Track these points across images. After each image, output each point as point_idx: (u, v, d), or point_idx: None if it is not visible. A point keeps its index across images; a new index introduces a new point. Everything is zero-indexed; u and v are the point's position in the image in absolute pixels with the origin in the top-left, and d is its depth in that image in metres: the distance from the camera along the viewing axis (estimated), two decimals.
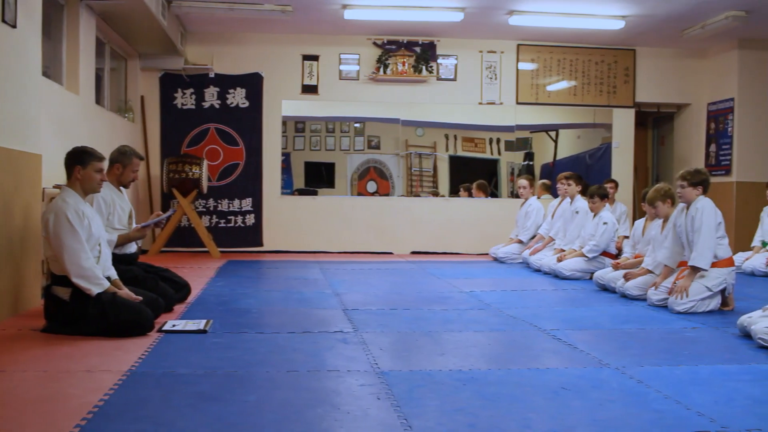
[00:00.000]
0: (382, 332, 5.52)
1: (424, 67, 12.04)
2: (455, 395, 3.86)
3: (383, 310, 6.49)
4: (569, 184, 9.99)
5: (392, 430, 3.28)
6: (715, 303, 6.71)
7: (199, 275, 8.66)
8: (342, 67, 12.12)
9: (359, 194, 12.95)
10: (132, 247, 6.44)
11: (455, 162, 13.41)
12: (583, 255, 9.03)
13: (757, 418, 3.55)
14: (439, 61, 12.20)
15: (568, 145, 13.79)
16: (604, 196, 9.11)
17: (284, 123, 12.39)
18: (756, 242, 10.30)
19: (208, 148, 11.83)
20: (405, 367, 4.47)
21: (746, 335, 5.41)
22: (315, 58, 12.07)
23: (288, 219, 12.05)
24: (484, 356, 4.87)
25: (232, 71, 11.90)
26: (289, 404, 3.65)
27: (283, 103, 12.09)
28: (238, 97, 11.90)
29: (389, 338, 5.35)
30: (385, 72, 11.96)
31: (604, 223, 8.94)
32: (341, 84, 12.13)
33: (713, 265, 6.66)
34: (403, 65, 11.96)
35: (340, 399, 3.78)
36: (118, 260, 5.90)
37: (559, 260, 9.20)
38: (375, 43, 12.03)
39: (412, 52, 12.03)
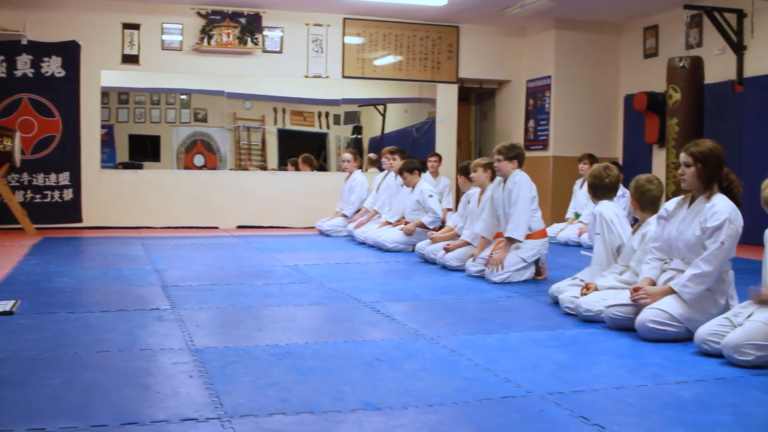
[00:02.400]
0: (200, 308, 5.43)
1: (249, 39, 11.84)
2: (269, 370, 3.84)
3: (203, 286, 6.39)
4: (394, 159, 10.12)
5: (202, 408, 3.23)
6: (529, 273, 6.99)
7: (10, 253, 8.25)
8: (164, 37, 11.74)
9: (186, 168, 12.65)
10: None
11: (284, 135, 13.33)
12: (425, 227, 9.04)
13: (560, 381, 3.73)
14: (264, 32, 12.03)
15: (396, 119, 13.97)
16: (413, 170, 9.22)
17: (106, 94, 11.91)
18: (570, 214, 10.79)
19: (21, 120, 11.18)
20: (220, 343, 4.42)
21: (556, 303, 5.67)
22: (136, 26, 11.63)
23: (109, 193, 11.61)
24: (302, 330, 4.87)
25: (46, 38, 11.28)
26: (96, 386, 3.53)
27: (102, 74, 11.57)
28: (53, 66, 11.32)
29: (207, 315, 5.27)
30: (209, 43, 11.69)
31: (430, 196, 9.04)
32: (164, 54, 11.76)
33: (527, 236, 6.94)
34: (228, 36, 11.72)
35: (150, 378, 3.69)
36: None
37: (406, 232, 9.13)
38: (199, 13, 11.72)
39: (237, 23, 11.81)
